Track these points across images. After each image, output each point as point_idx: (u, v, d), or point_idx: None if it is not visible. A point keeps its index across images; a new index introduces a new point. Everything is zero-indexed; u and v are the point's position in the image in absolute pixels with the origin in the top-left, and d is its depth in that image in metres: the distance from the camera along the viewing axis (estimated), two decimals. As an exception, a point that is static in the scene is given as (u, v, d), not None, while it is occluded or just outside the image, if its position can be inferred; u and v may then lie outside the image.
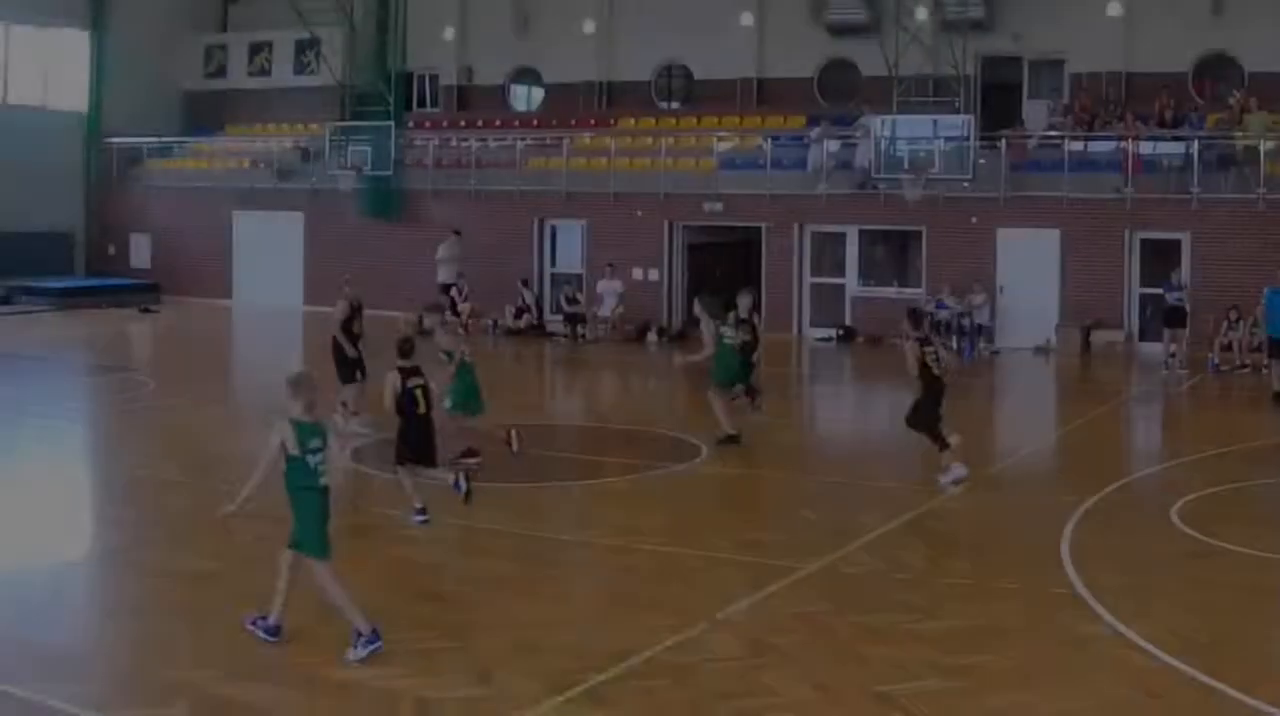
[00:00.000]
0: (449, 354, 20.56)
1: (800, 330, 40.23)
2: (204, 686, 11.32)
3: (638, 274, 40.84)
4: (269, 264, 48.04)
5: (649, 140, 44.70)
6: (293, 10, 45.82)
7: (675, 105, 49.54)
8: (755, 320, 24.00)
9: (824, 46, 46.16)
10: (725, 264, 43.60)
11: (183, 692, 11.15)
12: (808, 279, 40.72)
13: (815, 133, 41.13)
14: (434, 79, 53.14)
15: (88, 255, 52.44)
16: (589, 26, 49.27)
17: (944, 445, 19.84)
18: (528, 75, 51.72)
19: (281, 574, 12.37)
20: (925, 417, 20.01)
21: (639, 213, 41.96)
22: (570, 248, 44.10)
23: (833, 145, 40.96)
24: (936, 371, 19.84)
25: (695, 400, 26.05)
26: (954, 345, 36.32)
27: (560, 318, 41.12)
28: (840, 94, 45.76)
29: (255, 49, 54.23)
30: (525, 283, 42.31)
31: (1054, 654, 12.38)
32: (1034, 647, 12.56)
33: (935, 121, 38.03)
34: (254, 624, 12.40)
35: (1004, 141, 38.54)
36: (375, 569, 15.07)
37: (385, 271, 45.10)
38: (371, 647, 11.98)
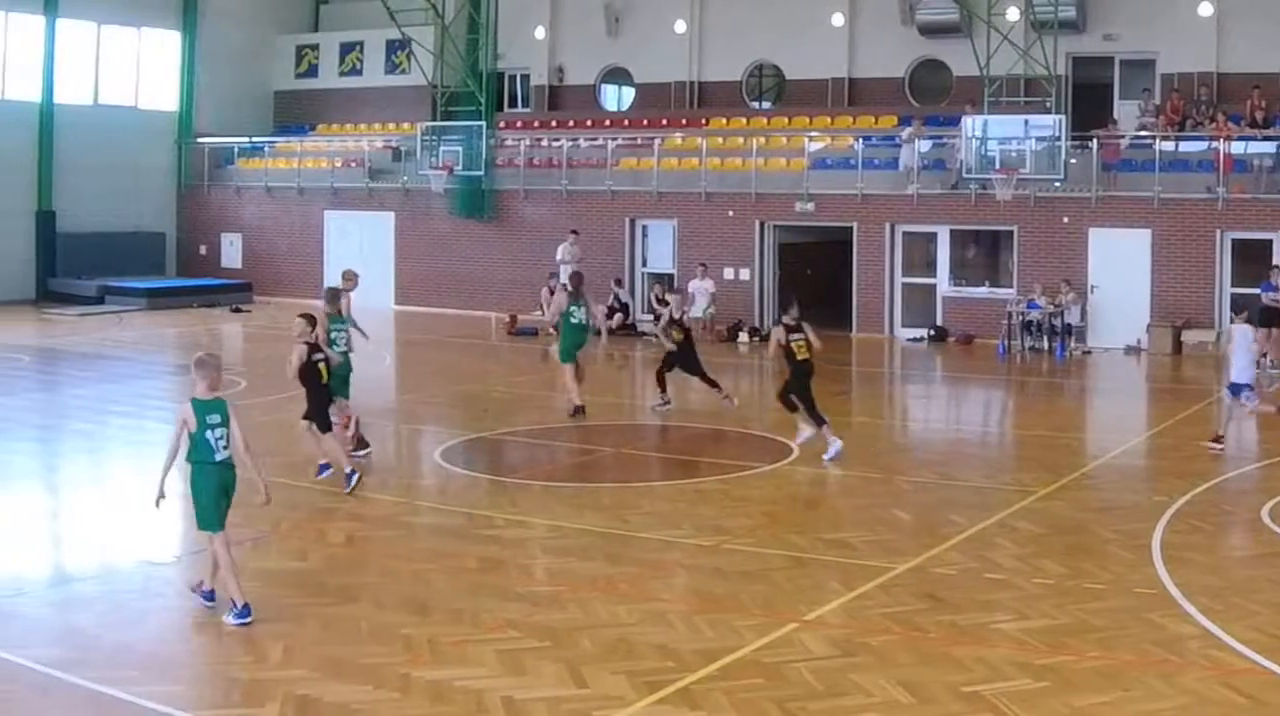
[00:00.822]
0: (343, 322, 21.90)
1: (891, 330, 40.10)
2: (294, 686, 11.45)
3: (729, 274, 40.81)
4: (361, 264, 48.08)
5: (740, 140, 44.54)
6: (384, 10, 46.00)
7: (766, 105, 49.47)
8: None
9: (915, 46, 45.97)
10: (816, 263, 43.57)
11: (273, 693, 11.30)
12: (899, 279, 40.58)
13: (906, 133, 40.95)
14: (525, 79, 53.20)
15: (179, 255, 52.78)
16: (680, 26, 49.29)
17: (820, 422, 21.81)
18: (619, 75, 51.74)
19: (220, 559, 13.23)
20: (800, 398, 21.99)
21: (731, 212, 41.95)
22: (661, 247, 44.10)
23: (924, 145, 40.80)
24: (801, 356, 21.80)
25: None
26: (1045, 345, 36.34)
27: (651, 317, 41.09)
28: (931, 94, 45.65)
29: (346, 49, 54.43)
30: (619, 282, 42.40)
31: (1144, 654, 12.34)
32: (1124, 647, 12.51)
33: (1026, 121, 37.76)
34: (196, 591, 13.50)
35: (1095, 141, 38.28)
36: (462, 568, 15.17)
37: (476, 271, 45.38)
38: (242, 620, 12.82)
